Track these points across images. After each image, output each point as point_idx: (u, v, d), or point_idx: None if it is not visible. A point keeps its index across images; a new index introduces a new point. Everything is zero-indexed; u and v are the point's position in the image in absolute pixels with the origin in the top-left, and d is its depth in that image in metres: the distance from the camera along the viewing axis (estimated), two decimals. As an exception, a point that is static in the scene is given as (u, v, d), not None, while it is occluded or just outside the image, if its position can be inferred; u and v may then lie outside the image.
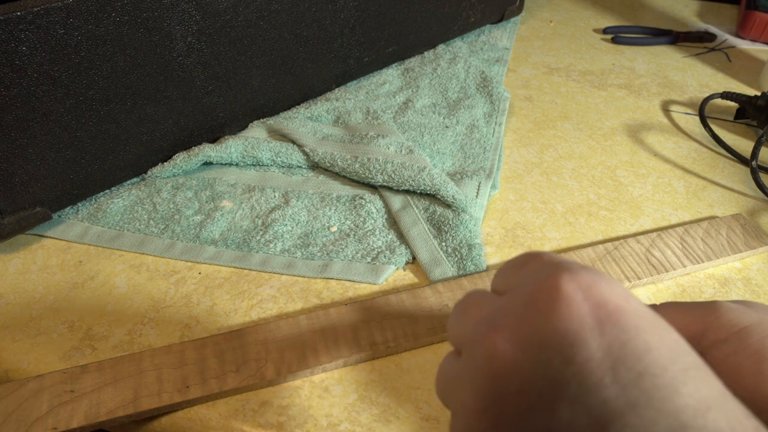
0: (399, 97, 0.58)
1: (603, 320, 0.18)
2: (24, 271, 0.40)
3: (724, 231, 0.43)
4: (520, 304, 0.19)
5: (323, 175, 0.48)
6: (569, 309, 0.18)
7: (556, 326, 0.18)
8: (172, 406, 0.31)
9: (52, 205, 0.42)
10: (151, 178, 0.47)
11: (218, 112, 0.49)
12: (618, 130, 0.57)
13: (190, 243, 0.41)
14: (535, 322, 0.18)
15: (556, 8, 0.83)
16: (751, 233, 0.43)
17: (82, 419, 0.30)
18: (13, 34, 0.34)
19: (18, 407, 0.30)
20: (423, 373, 0.34)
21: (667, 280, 0.40)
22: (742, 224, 0.44)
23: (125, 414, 0.30)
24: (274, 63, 0.50)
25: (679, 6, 0.86)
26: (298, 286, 0.39)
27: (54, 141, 0.39)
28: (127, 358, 0.33)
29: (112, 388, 0.31)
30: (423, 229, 0.42)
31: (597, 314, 0.18)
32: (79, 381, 0.32)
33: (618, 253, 0.41)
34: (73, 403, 0.31)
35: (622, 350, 0.17)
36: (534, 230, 0.44)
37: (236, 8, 0.45)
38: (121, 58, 0.40)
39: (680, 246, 0.42)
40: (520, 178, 0.50)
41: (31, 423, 0.30)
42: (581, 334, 0.17)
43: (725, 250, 0.42)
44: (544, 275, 0.20)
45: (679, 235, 0.43)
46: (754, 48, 0.74)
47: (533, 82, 0.64)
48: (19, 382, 0.32)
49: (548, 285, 0.19)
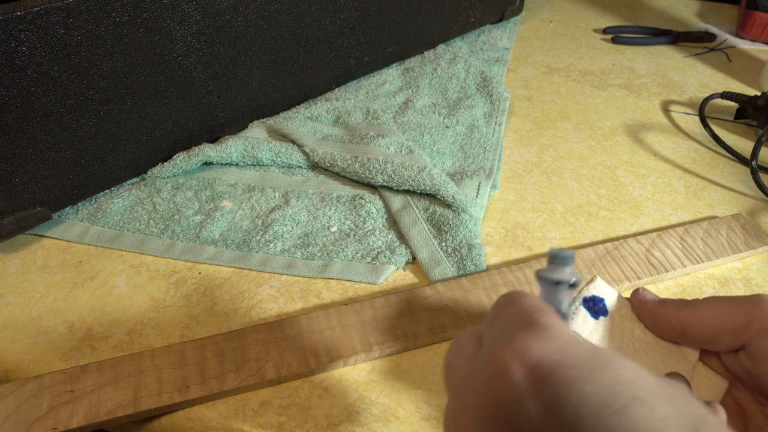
0: (399, 97, 0.58)
1: (539, 381, 0.19)
2: (24, 271, 0.40)
3: (724, 231, 0.43)
4: (478, 377, 0.21)
5: (323, 175, 0.48)
6: (508, 380, 0.19)
7: (500, 399, 0.20)
8: (172, 406, 0.31)
9: (52, 205, 0.42)
10: (151, 178, 0.47)
11: (218, 112, 0.49)
12: (618, 130, 0.57)
13: (190, 243, 0.41)
14: (486, 397, 0.20)
15: (556, 8, 0.83)
16: (751, 233, 0.43)
17: (82, 419, 0.30)
18: (13, 34, 0.34)
19: (18, 407, 0.30)
20: (423, 373, 0.34)
21: (668, 280, 0.40)
22: (742, 224, 0.44)
23: (125, 414, 0.30)
24: (274, 63, 0.50)
25: (679, 6, 0.86)
26: (298, 286, 0.39)
27: (54, 141, 0.39)
28: (127, 358, 0.33)
29: (111, 388, 0.31)
30: (423, 229, 0.42)
31: (533, 377, 0.19)
32: (79, 381, 0.32)
33: (618, 253, 0.41)
34: (72, 403, 0.31)
35: (559, 407, 0.18)
36: (534, 230, 0.44)
37: (236, 8, 0.45)
38: (121, 58, 0.40)
39: (680, 246, 0.42)
40: (520, 178, 0.50)
41: (31, 423, 0.30)
42: (521, 402, 0.19)
43: (725, 250, 0.42)
44: (495, 343, 0.21)
45: (679, 235, 0.43)
46: (754, 48, 0.74)
47: (533, 82, 0.64)
48: (19, 382, 0.32)
49: (493, 358, 0.20)
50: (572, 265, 0.26)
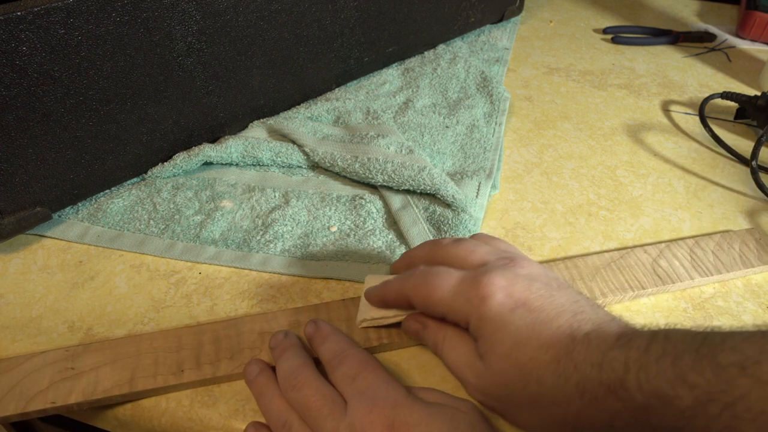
0: (399, 97, 0.58)
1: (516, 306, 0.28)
2: (24, 271, 0.40)
3: (737, 245, 0.42)
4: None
5: (323, 175, 0.48)
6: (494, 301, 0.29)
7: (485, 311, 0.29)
8: (167, 388, 0.32)
9: (52, 205, 0.42)
10: (151, 178, 0.47)
11: (218, 112, 0.49)
12: (618, 130, 0.57)
13: (190, 243, 0.42)
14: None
15: (556, 8, 0.84)
16: (765, 248, 0.41)
17: (80, 395, 0.31)
18: (13, 34, 0.34)
19: (21, 380, 0.32)
20: (423, 373, 0.34)
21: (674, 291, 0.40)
22: (756, 239, 0.42)
23: (120, 393, 0.31)
24: (274, 63, 0.50)
25: (679, 6, 0.86)
26: (298, 286, 0.39)
27: (54, 141, 0.39)
28: (128, 340, 0.34)
29: (110, 368, 0.32)
30: (423, 228, 0.42)
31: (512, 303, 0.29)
32: (80, 359, 0.33)
33: (624, 262, 0.40)
34: (72, 379, 0.32)
35: (530, 314, 0.28)
36: (534, 230, 0.44)
37: (236, 8, 0.45)
38: (121, 58, 0.40)
39: (689, 258, 0.41)
40: (520, 178, 0.50)
41: (32, 396, 0.31)
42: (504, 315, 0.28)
43: (736, 264, 0.40)
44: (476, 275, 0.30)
45: (689, 247, 0.41)
46: (754, 48, 0.74)
47: (533, 82, 0.64)
48: (24, 357, 0.33)
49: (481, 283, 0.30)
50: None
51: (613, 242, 0.43)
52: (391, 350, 0.35)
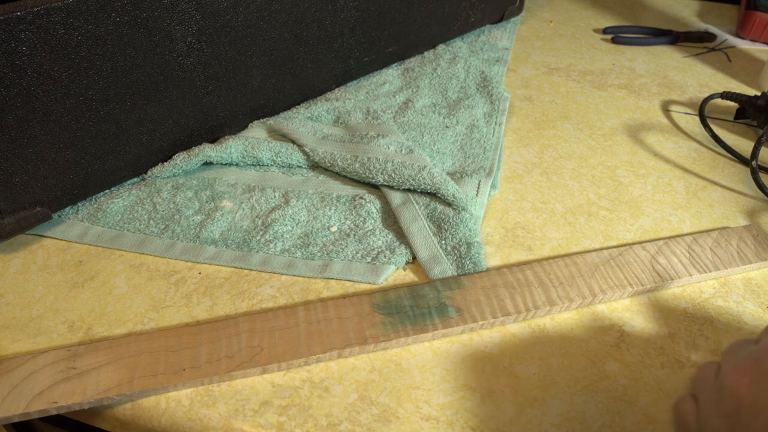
0: (399, 97, 0.58)
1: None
2: (24, 271, 0.40)
3: (735, 241, 0.42)
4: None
5: (323, 175, 0.48)
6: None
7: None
8: (167, 387, 0.32)
9: (52, 205, 0.42)
10: (151, 178, 0.47)
11: (218, 112, 0.49)
12: (618, 130, 0.57)
13: (190, 243, 0.41)
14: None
15: (556, 8, 0.84)
16: (763, 244, 0.42)
17: (81, 396, 0.31)
18: (13, 34, 0.34)
19: (23, 380, 0.32)
20: (423, 373, 0.34)
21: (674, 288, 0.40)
22: (754, 235, 0.43)
23: (120, 393, 0.31)
24: (274, 63, 0.50)
25: (679, 6, 0.86)
26: (298, 286, 0.39)
27: (54, 141, 0.39)
28: (129, 339, 0.34)
29: (111, 368, 0.33)
30: (423, 225, 0.42)
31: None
32: (81, 359, 0.33)
33: (622, 259, 0.40)
34: (74, 379, 0.32)
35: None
36: (534, 230, 0.44)
37: (236, 8, 0.45)
38: (121, 58, 0.40)
39: (687, 254, 0.41)
40: (520, 178, 0.50)
41: (34, 396, 0.31)
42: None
43: (734, 261, 0.41)
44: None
45: (687, 244, 0.42)
46: (754, 48, 0.74)
47: (533, 82, 0.64)
48: (25, 357, 0.33)
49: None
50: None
51: (613, 242, 0.43)
52: (391, 350, 0.35)
